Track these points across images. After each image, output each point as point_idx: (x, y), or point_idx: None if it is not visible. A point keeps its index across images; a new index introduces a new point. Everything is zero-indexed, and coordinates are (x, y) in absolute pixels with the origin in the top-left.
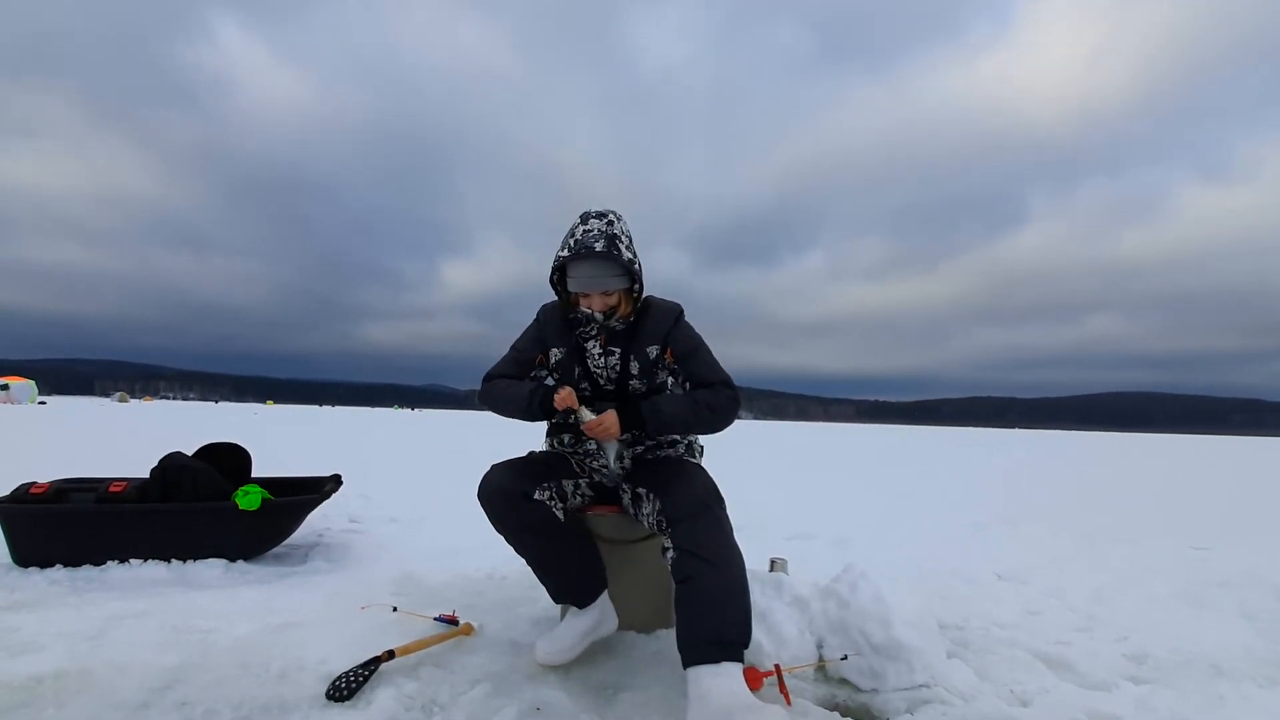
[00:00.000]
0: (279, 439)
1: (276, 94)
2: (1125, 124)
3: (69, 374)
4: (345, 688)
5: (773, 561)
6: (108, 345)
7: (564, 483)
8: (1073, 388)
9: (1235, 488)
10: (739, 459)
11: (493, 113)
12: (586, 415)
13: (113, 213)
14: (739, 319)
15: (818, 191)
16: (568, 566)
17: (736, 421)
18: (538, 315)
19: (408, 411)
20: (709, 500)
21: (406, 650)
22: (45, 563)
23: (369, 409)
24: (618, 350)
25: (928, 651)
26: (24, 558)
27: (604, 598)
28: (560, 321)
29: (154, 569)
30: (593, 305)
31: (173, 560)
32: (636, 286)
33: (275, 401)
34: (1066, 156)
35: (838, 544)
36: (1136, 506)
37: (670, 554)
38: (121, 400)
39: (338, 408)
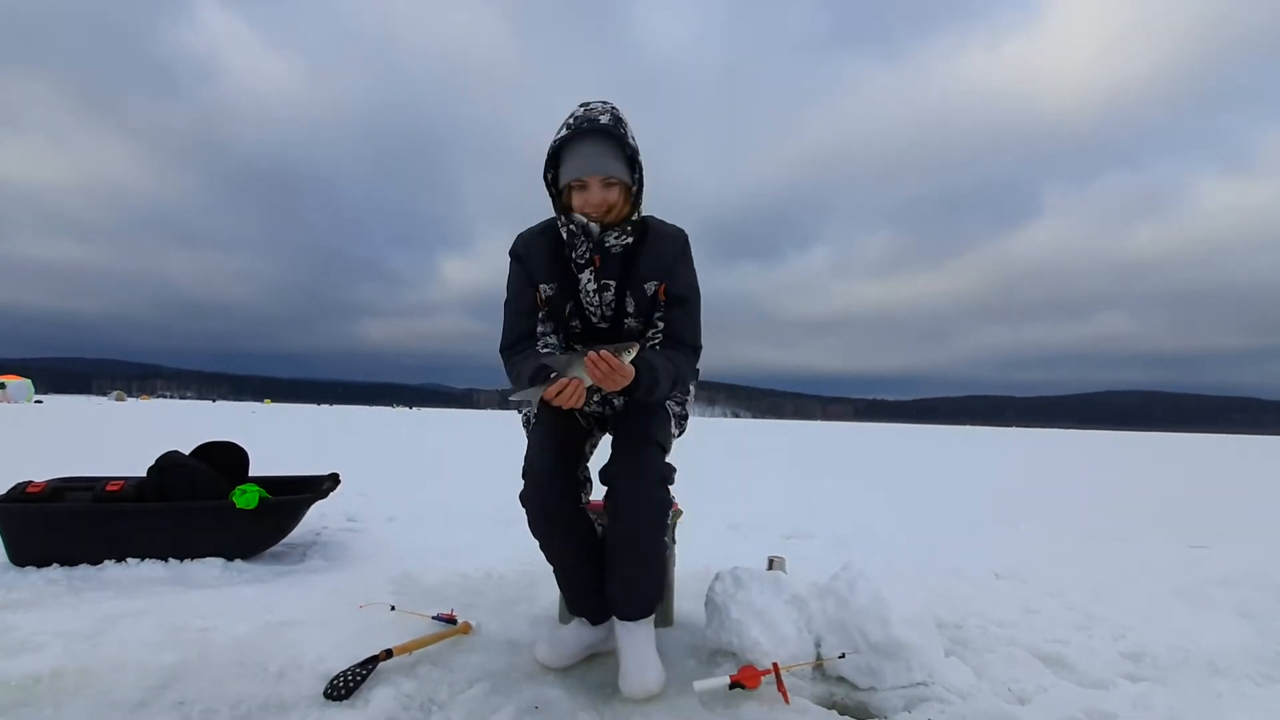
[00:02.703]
0: (277, 438)
1: (265, 81)
2: (1146, 113)
3: (66, 373)
4: (343, 686)
5: (771, 560)
6: (105, 344)
7: (585, 445)
8: (1072, 386)
9: (1233, 486)
10: (737, 458)
11: (491, 99)
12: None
13: (103, 206)
14: (739, 317)
15: (825, 184)
16: (595, 586)
17: (735, 420)
18: (514, 250)
19: (406, 410)
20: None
21: (404, 649)
22: (42, 562)
23: (367, 408)
24: (613, 284)
25: (926, 650)
26: (21, 557)
27: (614, 618)
28: (546, 250)
29: (151, 568)
30: (590, 200)
31: (170, 559)
32: (637, 183)
33: (273, 400)
34: (1084, 147)
35: (836, 543)
36: (1134, 505)
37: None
38: (118, 399)
39: (336, 407)
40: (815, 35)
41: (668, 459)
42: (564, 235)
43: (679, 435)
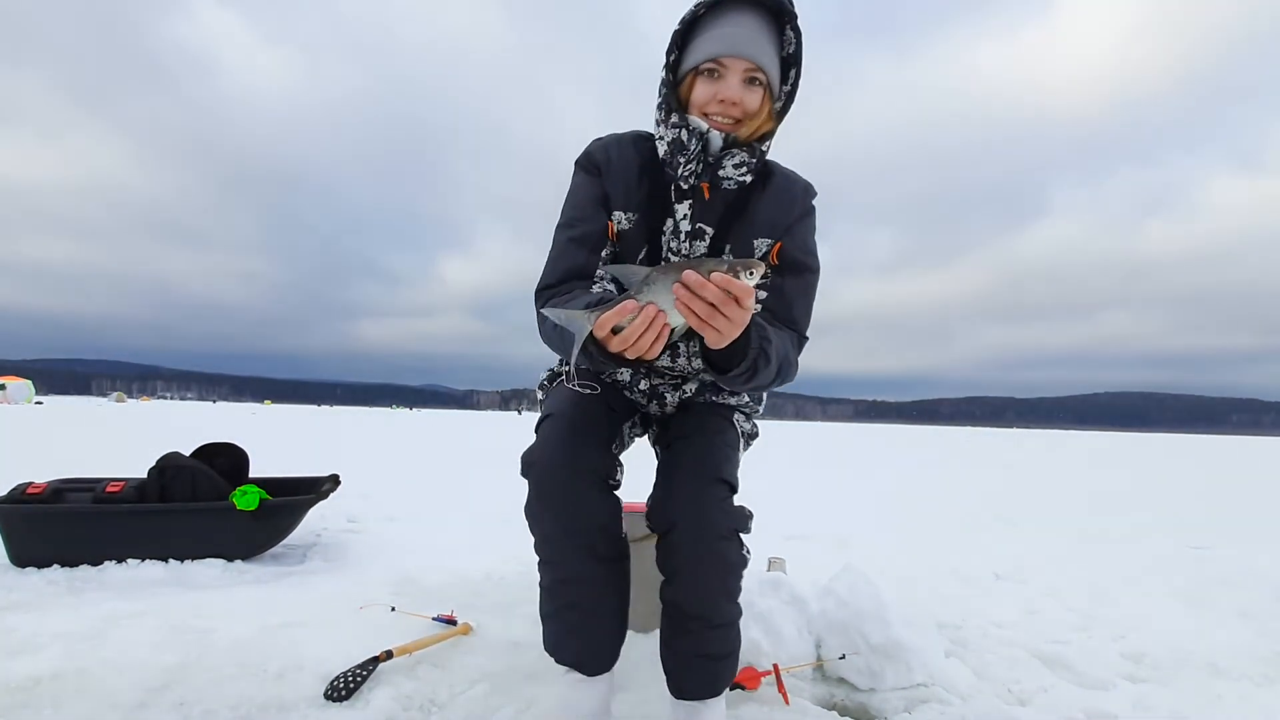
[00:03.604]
0: (277, 439)
1: (261, 77)
2: (1159, 108)
3: (65, 374)
4: (343, 687)
5: (771, 561)
6: (105, 345)
7: (624, 429)
8: (1072, 387)
9: (1233, 487)
10: None
11: (491, 95)
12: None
13: (100, 205)
14: None
15: (828, 182)
16: (613, 627)
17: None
18: (588, 154)
19: (406, 411)
20: (721, 522)
21: (404, 650)
22: (42, 563)
23: (366, 409)
24: (710, 231)
25: (926, 651)
26: (21, 558)
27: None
28: (635, 164)
29: (151, 569)
30: (722, 94)
31: (170, 560)
32: (787, 97)
33: (273, 402)
34: (1095, 144)
35: (836, 544)
36: (1134, 506)
37: (661, 593)
38: (119, 400)
39: (336, 408)
40: (821, 29)
41: (738, 499)
42: (664, 148)
43: (746, 448)
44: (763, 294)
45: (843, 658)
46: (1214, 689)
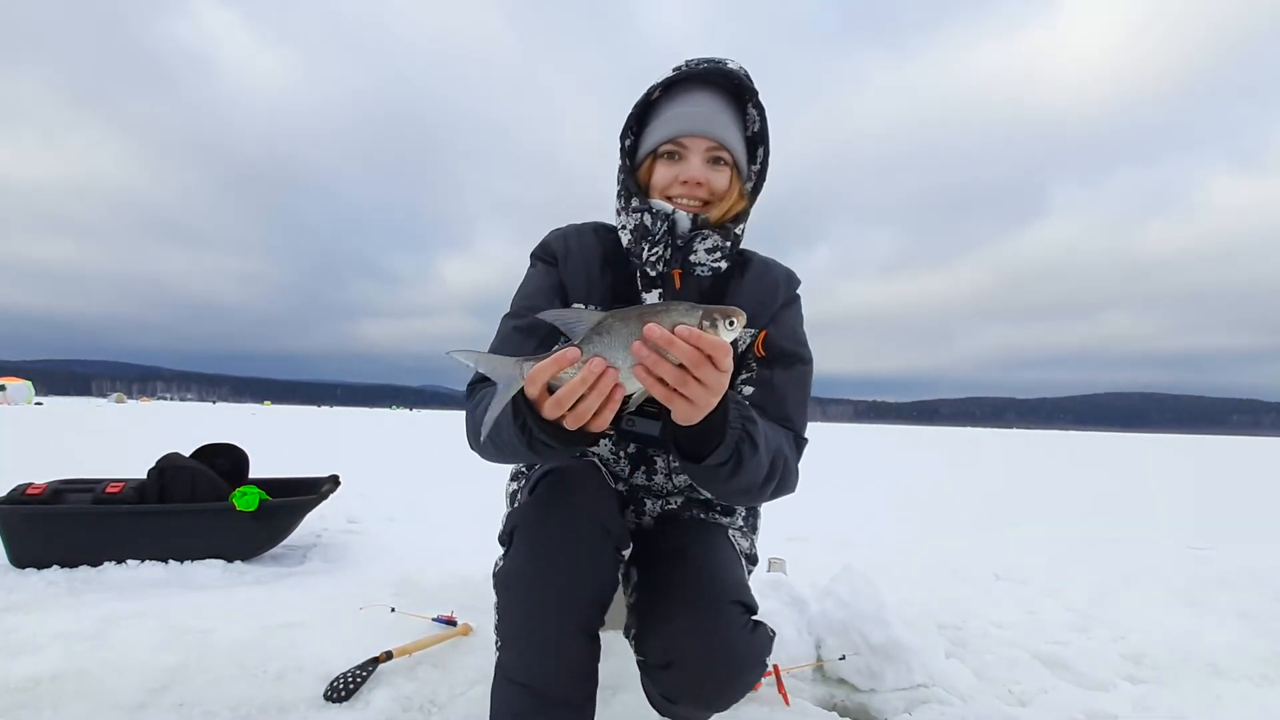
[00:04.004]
0: (277, 440)
1: (260, 77)
2: (1161, 106)
3: (66, 375)
4: (343, 688)
5: (771, 561)
6: (105, 346)
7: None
8: (1073, 388)
9: (1233, 488)
10: None
11: (491, 93)
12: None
13: (100, 205)
14: None
15: (830, 181)
16: None
17: None
18: (545, 245)
19: (405, 412)
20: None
21: (404, 651)
22: (42, 564)
23: (367, 409)
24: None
25: (926, 651)
26: (21, 558)
27: None
28: (597, 253)
29: (151, 570)
30: (685, 175)
31: (170, 561)
32: (756, 176)
33: (273, 402)
34: (1096, 143)
35: (836, 544)
36: (1134, 506)
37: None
38: (119, 401)
39: (336, 408)
40: (822, 28)
41: (759, 618)
42: (627, 236)
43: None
44: (748, 389)
45: (843, 658)
46: (1214, 689)
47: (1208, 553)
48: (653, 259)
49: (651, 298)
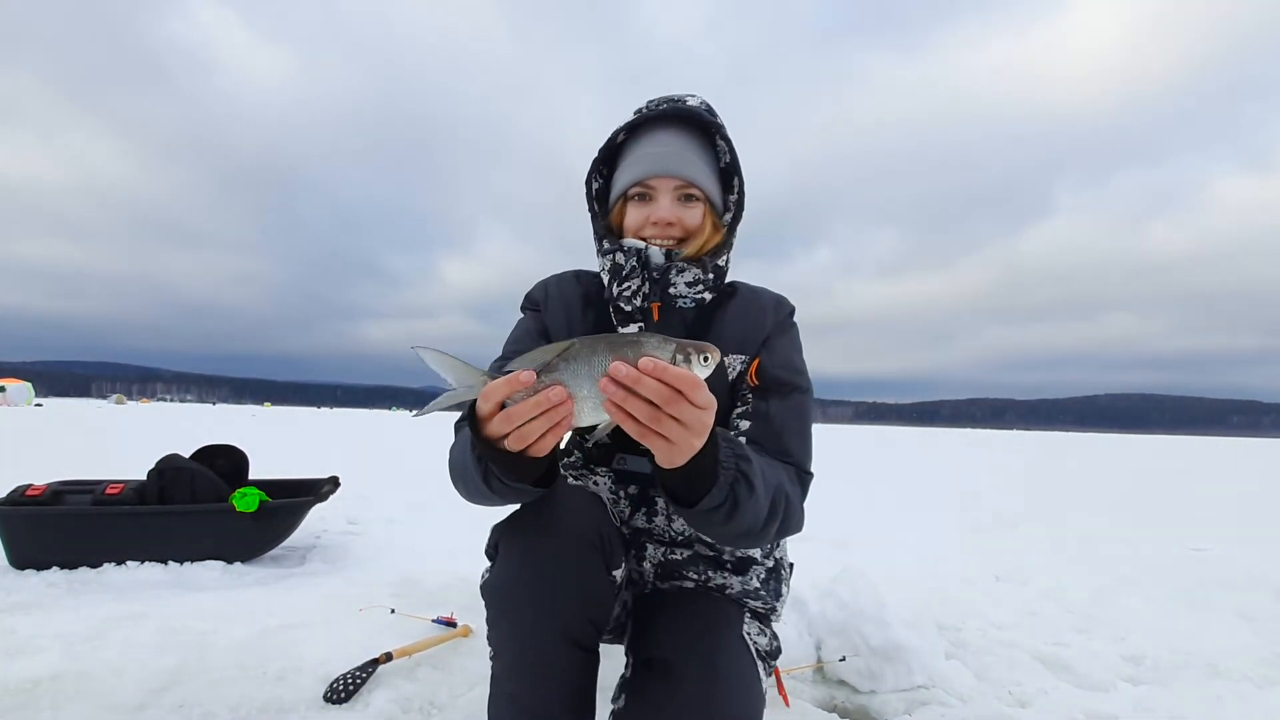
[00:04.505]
0: (277, 441)
1: (258, 75)
2: (1169, 104)
3: (65, 376)
4: (343, 689)
5: None
6: (104, 347)
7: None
8: (1073, 389)
9: (1233, 489)
10: None
11: (490, 91)
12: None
13: (98, 205)
14: None
15: (832, 180)
16: None
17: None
18: (528, 298)
19: (406, 413)
20: None
21: (404, 652)
22: (42, 565)
23: (367, 411)
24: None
25: (926, 652)
26: (20, 560)
27: None
28: (577, 296)
29: (151, 571)
30: (655, 217)
31: (170, 562)
32: (731, 206)
33: (273, 404)
34: (1102, 142)
35: (836, 545)
36: (1134, 508)
37: None
38: (118, 402)
39: (335, 409)
40: (824, 23)
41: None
42: (605, 273)
43: (768, 675)
44: (745, 423)
45: (843, 659)
46: (1214, 690)
47: (1208, 554)
48: (627, 293)
49: (630, 331)
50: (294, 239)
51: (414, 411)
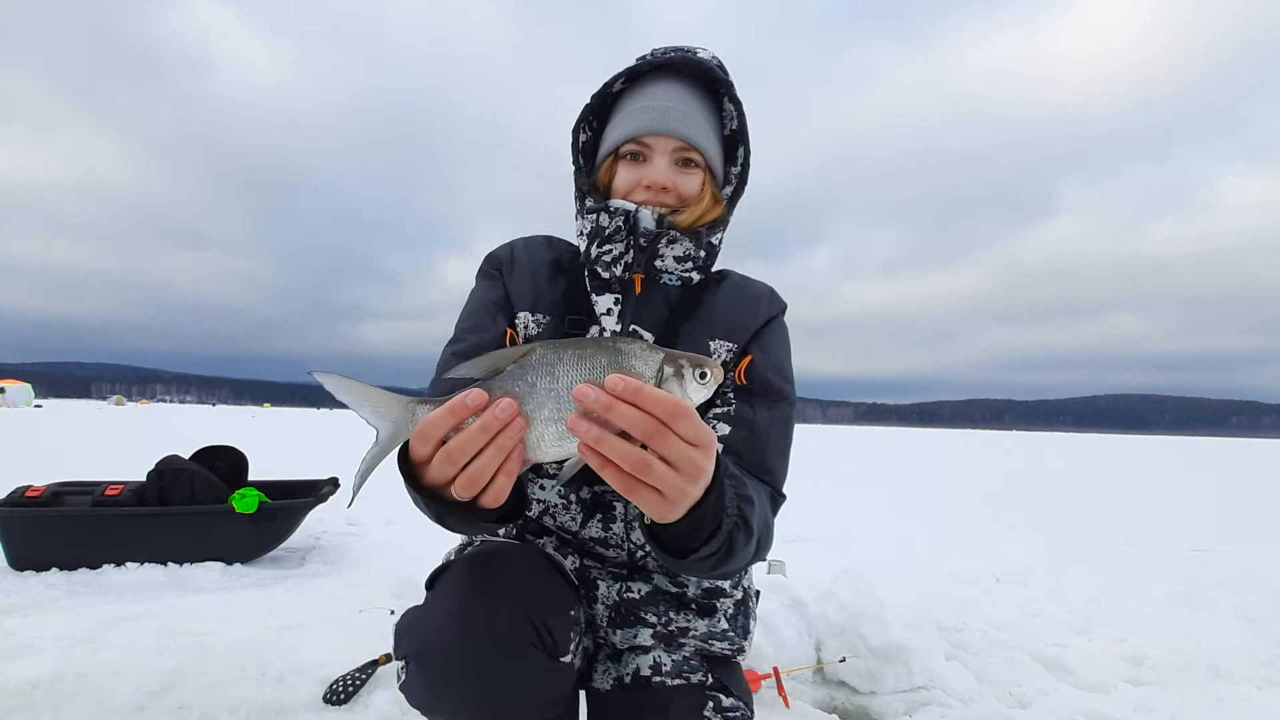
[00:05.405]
0: (276, 442)
1: (256, 74)
2: (1173, 105)
3: (65, 377)
4: (343, 691)
5: (771, 563)
6: (104, 348)
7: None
8: (1073, 390)
9: (1233, 490)
10: None
11: (488, 88)
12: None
13: (98, 205)
14: None
15: (833, 179)
16: None
17: None
18: (489, 258)
19: None
20: None
21: None
22: (41, 566)
23: None
24: (650, 336)
25: (926, 653)
26: (20, 561)
27: None
28: (545, 262)
29: (151, 572)
30: (648, 180)
31: (169, 563)
32: (733, 179)
33: (273, 405)
34: (1106, 142)
35: (836, 546)
36: (1134, 509)
37: None
38: (118, 403)
39: (335, 411)
40: (826, 18)
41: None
42: (583, 242)
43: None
44: (725, 427)
45: (843, 660)
46: (1214, 691)
47: (1208, 555)
48: (606, 258)
49: (605, 300)
50: (294, 239)
51: (352, 495)
